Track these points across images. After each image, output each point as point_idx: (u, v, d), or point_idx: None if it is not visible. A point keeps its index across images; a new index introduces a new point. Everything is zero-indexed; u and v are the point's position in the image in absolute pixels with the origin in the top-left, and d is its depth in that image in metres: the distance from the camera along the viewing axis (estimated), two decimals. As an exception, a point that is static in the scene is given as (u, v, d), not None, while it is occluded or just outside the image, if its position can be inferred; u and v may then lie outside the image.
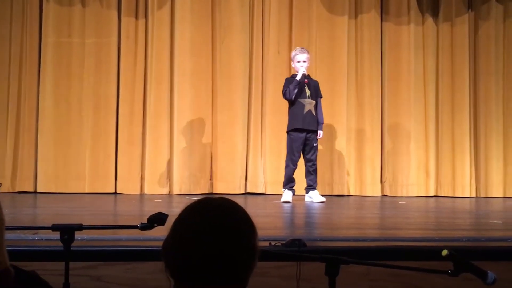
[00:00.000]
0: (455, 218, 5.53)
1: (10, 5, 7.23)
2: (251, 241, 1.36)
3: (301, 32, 7.59)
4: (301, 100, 6.40)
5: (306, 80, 6.41)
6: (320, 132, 6.47)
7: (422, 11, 7.85)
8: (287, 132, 6.48)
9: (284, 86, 6.48)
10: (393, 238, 3.68)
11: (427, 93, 7.76)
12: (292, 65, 6.55)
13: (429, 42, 7.81)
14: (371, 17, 7.74)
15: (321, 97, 6.60)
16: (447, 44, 7.83)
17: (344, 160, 7.55)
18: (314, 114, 6.43)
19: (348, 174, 7.55)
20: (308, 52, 6.53)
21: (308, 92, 6.41)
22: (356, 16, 7.75)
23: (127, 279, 2.95)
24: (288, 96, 6.39)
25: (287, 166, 6.43)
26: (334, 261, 1.97)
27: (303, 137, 6.37)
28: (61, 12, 7.28)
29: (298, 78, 6.36)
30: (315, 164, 6.45)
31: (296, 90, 6.35)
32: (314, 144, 6.43)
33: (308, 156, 6.42)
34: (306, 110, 6.39)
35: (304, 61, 6.41)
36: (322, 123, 6.52)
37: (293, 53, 6.54)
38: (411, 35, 7.76)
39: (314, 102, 6.44)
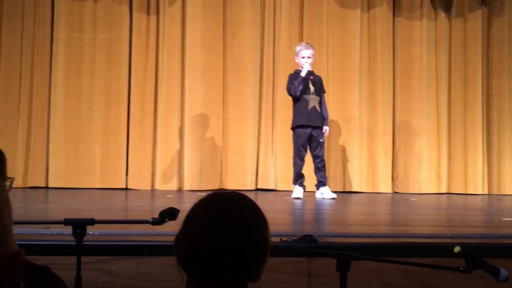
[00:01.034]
0: (467, 215, 5.51)
1: (22, 0, 7.26)
2: (262, 235, 1.35)
3: (312, 27, 7.57)
4: (306, 96, 6.37)
5: (311, 77, 6.38)
6: (326, 128, 6.43)
7: (434, 7, 7.80)
8: (292, 129, 6.47)
9: (288, 82, 6.46)
10: (405, 235, 3.67)
11: (439, 90, 7.71)
12: (296, 61, 6.51)
13: (441, 38, 7.75)
14: (383, 12, 7.70)
15: (325, 92, 6.58)
16: (459, 40, 7.78)
17: (356, 156, 7.51)
18: (319, 110, 6.40)
19: (359, 171, 7.52)
20: (313, 48, 6.49)
21: (312, 88, 6.39)
22: (368, 11, 7.71)
23: (138, 273, 2.95)
24: (293, 92, 6.37)
25: (294, 163, 6.41)
26: (345, 257, 1.97)
27: (308, 133, 6.35)
28: (73, 7, 7.31)
29: (303, 74, 6.33)
30: (323, 160, 6.43)
31: (301, 87, 6.32)
32: (321, 140, 6.40)
33: (315, 153, 6.39)
34: (310, 106, 6.37)
35: (309, 57, 6.37)
36: (327, 118, 6.49)
37: (297, 48, 6.51)
38: (423, 31, 7.71)
39: (318, 98, 6.41)
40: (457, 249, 2.01)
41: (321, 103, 6.44)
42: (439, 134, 7.68)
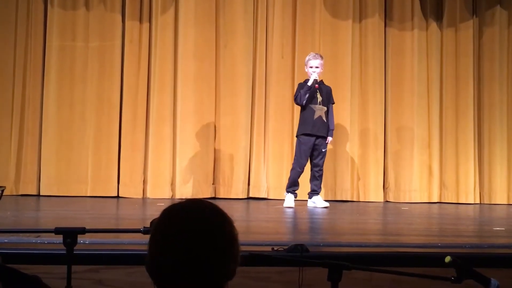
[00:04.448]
0: (458, 225, 5.52)
1: (15, 9, 7.26)
2: (225, 234, 1.38)
3: (305, 37, 7.59)
4: (312, 105, 6.41)
5: (317, 86, 6.41)
6: (329, 138, 6.46)
7: (426, 17, 7.84)
8: (297, 136, 6.49)
9: (296, 91, 6.52)
10: (396, 244, 3.67)
11: (431, 99, 7.74)
12: (306, 70, 6.56)
13: (432, 47, 7.79)
14: (375, 23, 7.74)
15: (333, 103, 6.61)
16: (451, 49, 7.82)
17: (347, 166, 7.53)
18: (325, 120, 6.43)
19: (351, 180, 7.53)
20: (322, 58, 6.54)
21: (319, 98, 6.43)
22: (359, 21, 7.74)
23: (129, 283, 2.94)
24: (299, 101, 6.41)
25: (293, 169, 6.43)
26: (337, 266, 1.97)
27: (312, 142, 6.37)
28: (65, 16, 7.31)
29: (309, 83, 6.38)
30: (321, 170, 6.45)
31: (307, 96, 6.36)
32: (323, 150, 6.43)
33: (315, 161, 6.42)
34: (316, 116, 6.40)
35: (317, 67, 6.43)
36: (333, 129, 6.53)
37: (306, 58, 6.56)
38: (414, 41, 7.75)
39: (325, 108, 6.44)
40: (448, 259, 2.02)
41: (328, 113, 6.47)
42: (431, 144, 7.70)
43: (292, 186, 6.37)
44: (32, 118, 7.23)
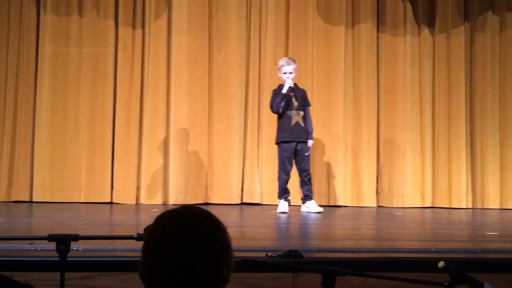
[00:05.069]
0: (451, 230, 5.53)
1: (8, 14, 7.25)
2: (218, 241, 1.38)
3: (298, 43, 7.61)
4: (289, 112, 6.37)
5: (292, 94, 6.37)
6: (309, 141, 6.44)
7: (418, 23, 7.88)
8: (277, 144, 6.47)
9: (271, 98, 6.46)
10: (390, 250, 3.68)
11: (423, 104, 7.77)
12: (279, 75, 6.53)
13: (425, 53, 7.83)
14: (367, 28, 7.76)
15: (309, 105, 6.58)
16: (443, 55, 7.85)
17: (340, 171, 7.54)
18: (303, 124, 6.39)
19: (344, 185, 7.54)
20: (295, 62, 6.49)
21: (295, 104, 6.38)
22: (352, 27, 7.77)
23: (123, 289, 2.94)
24: (275, 109, 6.37)
25: (279, 177, 6.41)
26: (331, 272, 1.97)
27: (294, 147, 6.35)
28: (58, 21, 7.30)
29: (284, 91, 6.32)
30: (309, 174, 6.43)
31: (283, 103, 6.32)
32: (306, 154, 6.40)
33: (301, 167, 6.39)
34: (293, 122, 6.37)
35: (291, 72, 6.37)
36: (311, 132, 6.49)
37: (280, 63, 6.51)
38: (407, 47, 7.78)
39: (302, 112, 6.40)
40: (441, 264, 2.02)
41: (305, 117, 6.44)
42: (423, 149, 7.73)
43: (284, 194, 6.35)
44: (24, 124, 7.21)
